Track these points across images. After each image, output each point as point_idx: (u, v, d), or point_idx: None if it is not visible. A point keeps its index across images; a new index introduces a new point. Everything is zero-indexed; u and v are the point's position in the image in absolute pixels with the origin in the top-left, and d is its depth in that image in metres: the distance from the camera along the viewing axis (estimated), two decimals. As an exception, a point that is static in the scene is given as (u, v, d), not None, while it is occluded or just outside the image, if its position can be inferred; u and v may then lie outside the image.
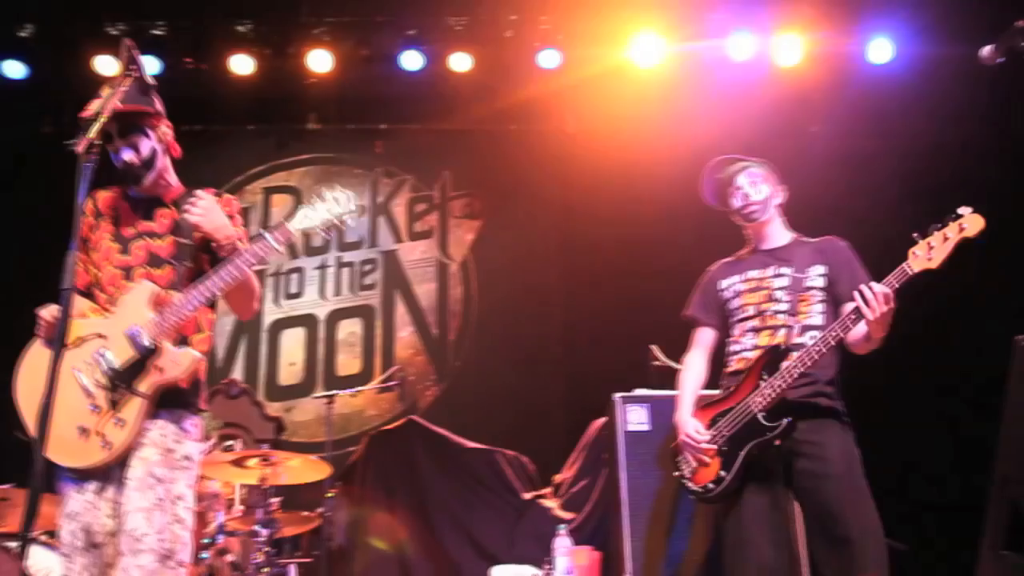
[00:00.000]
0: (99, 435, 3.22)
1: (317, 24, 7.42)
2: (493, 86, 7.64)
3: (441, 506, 6.09)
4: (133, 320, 3.30)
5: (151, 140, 3.52)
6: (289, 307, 7.86)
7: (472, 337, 7.82)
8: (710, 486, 3.69)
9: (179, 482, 3.25)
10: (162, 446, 3.26)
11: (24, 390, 3.34)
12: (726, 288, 3.98)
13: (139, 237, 3.46)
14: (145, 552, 3.12)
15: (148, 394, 3.25)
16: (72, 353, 3.25)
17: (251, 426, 6.20)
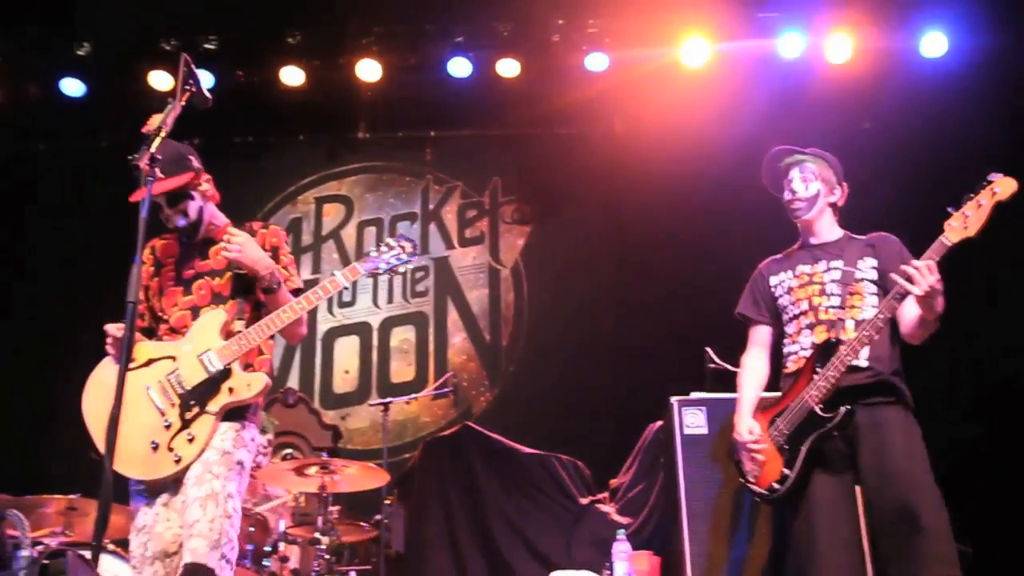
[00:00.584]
0: (170, 450, 3.38)
1: (365, 34, 7.50)
2: (541, 90, 7.66)
3: (498, 512, 6.07)
4: (205, 344, 3.49)
5: (196, 201, 3.71)
6: (343, 315, 7.92)
7: (524, 342, 7.81)
8: (775, 486, 3.64)
9: (232, 482, 3.40)
10: (220, 448, 3.42)
11: (91, 407, 3.49)
12: (776, 285, 3.95)
13: (199, 277, 3.66)
14: (196, 536, 3.25)
15: (218, 412, 3.44)
16: (144, 372, 3.43)
17: (309, 434, 6.26)
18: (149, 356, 3.49)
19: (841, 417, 3.52)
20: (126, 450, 3.25)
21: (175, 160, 3.66)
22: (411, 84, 7.65)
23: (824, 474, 3.57)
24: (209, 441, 3.40)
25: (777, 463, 3.65)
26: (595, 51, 7.42)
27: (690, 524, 4.72)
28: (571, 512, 6.14)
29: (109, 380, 3.37)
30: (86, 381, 3.54)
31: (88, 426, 3.46)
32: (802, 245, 3.99)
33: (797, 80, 7.38)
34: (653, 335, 7.37)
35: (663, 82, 7.52)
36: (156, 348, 3.54)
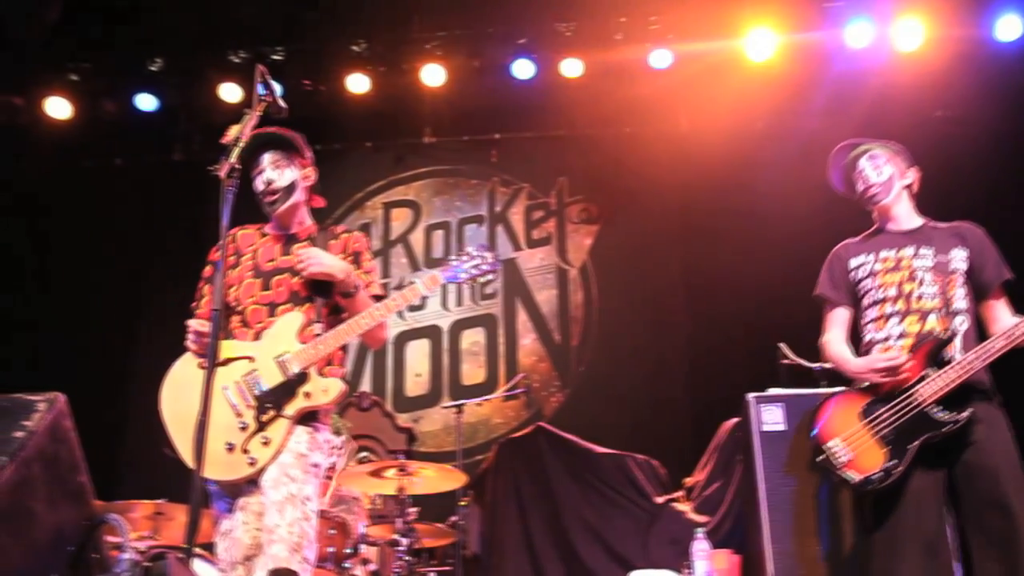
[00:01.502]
0: (245, 452, 3.38)
1: (429, 39, 7.55)
2: (605, 89, 7.63)
3: (573, 512, 6.08)
4: (283, 347, 3.48)
5: (295, 173, 3.73)
6: (413, 319, 7.98)
7: (594, 342, 7.79)
8: (874, 477, 3.55)
9: (308, 485, 3.38)
10: (296, 451, 3.40)
11: (169, 405, 3.49)
12: (857, 267, 3.88)
13: (279, 272, 3.63)
14: (276, 542, 3.24)
15: (294, 416, 3.43)
16: (222, 372, 3.40)
17: (383, 437, 6.32)
18: (227, 355, 3.47)
19: (963, 422, 3.45)
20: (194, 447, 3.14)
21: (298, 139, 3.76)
22: (475, 87, 7.67)
23: (918, 467, 3.51)
24: (284, 445, 3.39)
25: (877, 454, 3.57)
26: (658, 48, 7.38)
27: (770, 521, 4.65)
28: (647, 511, 6.12)
29: (187, 378, 3.47)
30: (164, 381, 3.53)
31: (165, 423, 3.47)
32: (879, 231, 3.93)
33: (865, 70, 7.26)
34: (724, 332, 7.31)
35: (728, 77, 7.45)
36: (234, 347, 3.52)
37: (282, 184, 3.70)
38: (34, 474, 2.40)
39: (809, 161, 6.86)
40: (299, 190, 3.75)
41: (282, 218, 3.75)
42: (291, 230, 3.75)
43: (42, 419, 2.45)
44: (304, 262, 3.54)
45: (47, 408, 2.47)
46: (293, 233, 3.74)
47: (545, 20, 7.47)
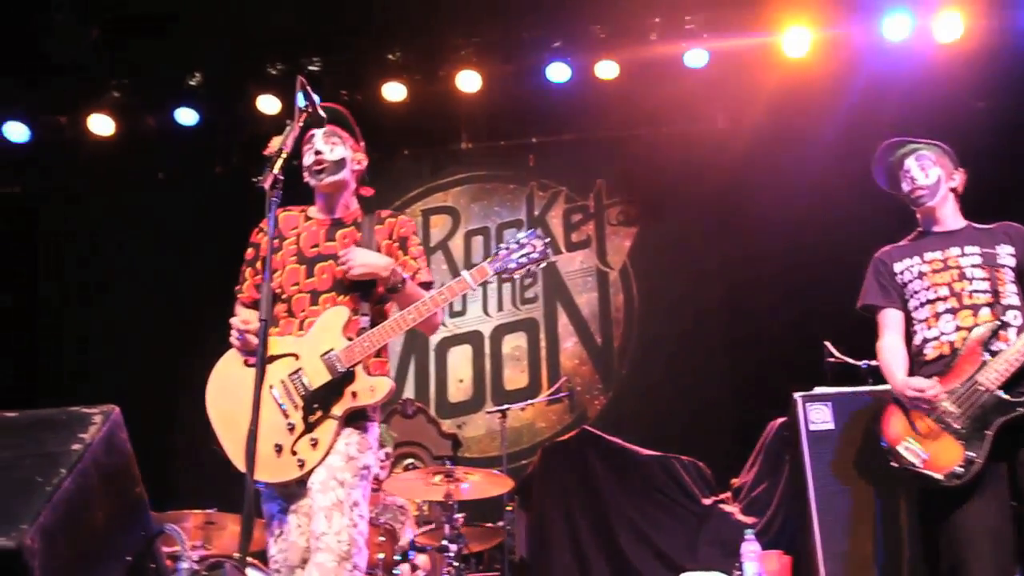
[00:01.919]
0: (294, 453, 3.30)
1: (463, 45, 7.57)
2: (641, 90, 7.61)
3: (620, 515, 6.04)
4: (328, 344, 3.37)
5: (346, 153, 3.66)
6: (454, 325, 8.00)
7: (636, 344, 7.77)
8: (959, 471, 3.51)
9: (357, 489, 3.30)
10: (345, 454, 3.32)
11: (215, 404, 3.43)
12: (903, 271, 3.88)
13: (323, 259, 3.53)
14: (323, 551, 3.16)
15: (342, 417, 3.33)
16: (268, 370, 3.27)
17: (428, 444, 6.34)
18: (272, 352, 3.34)
19: None
20: (242, 447, 3.01)
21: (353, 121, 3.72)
22: (511, 92, 7.69)
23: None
24: (332, 446, 3.30)
25: (952, 448, 3.54)
26: (693, 47, 7.35)
27: (821, 522, 4.60)
28: (694, 513, 6.07)
29: (232, 376, 3.39)
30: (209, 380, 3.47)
31: (212, 421, 3.41)
32: (923, 233, 3.91)
33: (904, 63, 7.16)
34: (766, 331, 7.26)
35: (765, 73, 7.40)
36: (279, 343, 3.41)
37: (332, 158, 3.61)
38: (92, 486, 2.44)
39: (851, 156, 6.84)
40: (348, 169, 3.66)
41: (328, 198, 3.65)
42: (336, 214, 3.65)
43: (98, 431, 2.48)
44: (346, 264, 3.44)
45: (103, 420, 2.51)
46: (338, 218, 3.64)
47: (579, 22, 7.45)
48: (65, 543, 2.30)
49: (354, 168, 3.70)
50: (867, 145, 4.07)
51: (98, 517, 2.44)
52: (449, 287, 3.43)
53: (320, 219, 3.65)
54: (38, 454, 2.42)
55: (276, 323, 3.50)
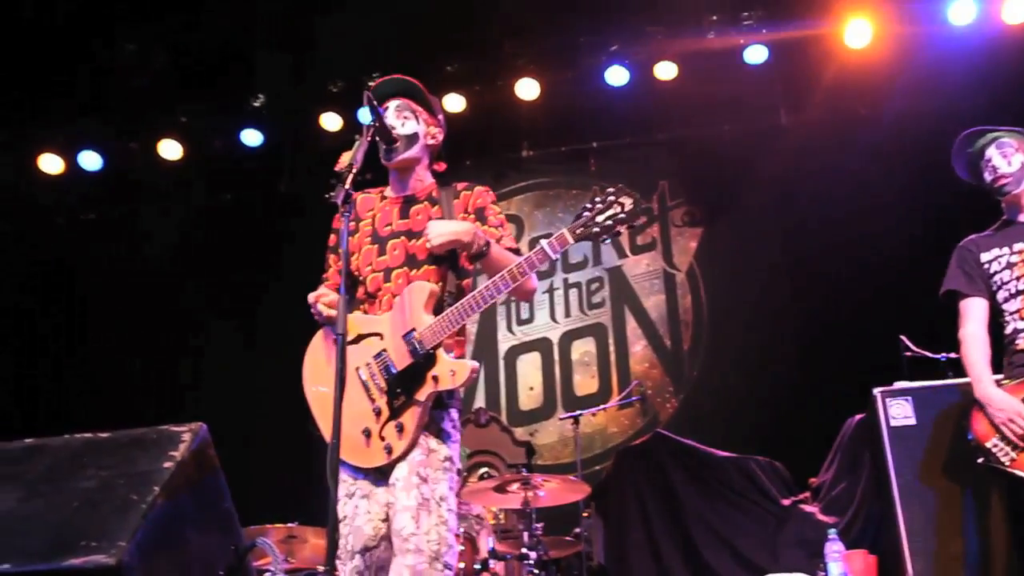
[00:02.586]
0: (381, 439, 3.22)
1: (521, 53, 7.59)
2: (701, 90, 7.55)
3: (698, 518, 5.99)
4: (411, 323, 3.26)
5: (418, 127, 3.54)
6: (522, 333, 8.01)
7: (706, 345, 7.70)
8: None
9: (442, 483, 3.21)
10: (425, 447, 3.23)
11: (310, 383, 3.38)
12: (991, 260, 3.80)
13: (395, 236, 3.45)
14: (413, 552, 3.08)
15: (425, 402, 3.22)
16: (353, 350, 3.24)
17: (502, 452, 6.35)
18: (359, 331, 3.25)
19: None
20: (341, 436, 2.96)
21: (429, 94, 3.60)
22: (570, 98, 7.69)
23: None
24: (418, 431, 3.20)
25: None
26: (753, 43, 7.28)
27: (906, 520, 4.53)
28: (773, 514, 6.00)
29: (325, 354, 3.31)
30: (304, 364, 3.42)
31: (308, 401, 3.37)
32: (1008, 222, 3.83)
33: (971, 48, 7.01)
34: (839, 327, 7.14)
35: (827, 66, 7.31)
36: (365, 322, 3.31)
37: (403, 133, 3.49)
38: (184, 502, 2.49)
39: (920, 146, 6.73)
40: (420, 145, 3.53)
41: (401, 175, 3.55)
42: (409, 191, 3.53)
43: (188, 449, 2.53)
44: (427, 238, 3.30)
45: (192, 438, 2.56)
46: (411, 194, 3.53)
47: (636, 25, 7.43)
48: (161, 559, 2.34)
49: (428, 143, 3.57)
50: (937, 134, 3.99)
51: (191, 533, 2.49)
52: (528, 258, 3.20)
53: (393, 197, 3.56)
54: (131, 473, 2.47)
55: (359, 307, 3.43)
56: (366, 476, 3.27)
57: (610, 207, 3.15)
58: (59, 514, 2.40)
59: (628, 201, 3.15)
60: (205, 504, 2.59)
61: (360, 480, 3.26)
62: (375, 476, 3.26)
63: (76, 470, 2.53)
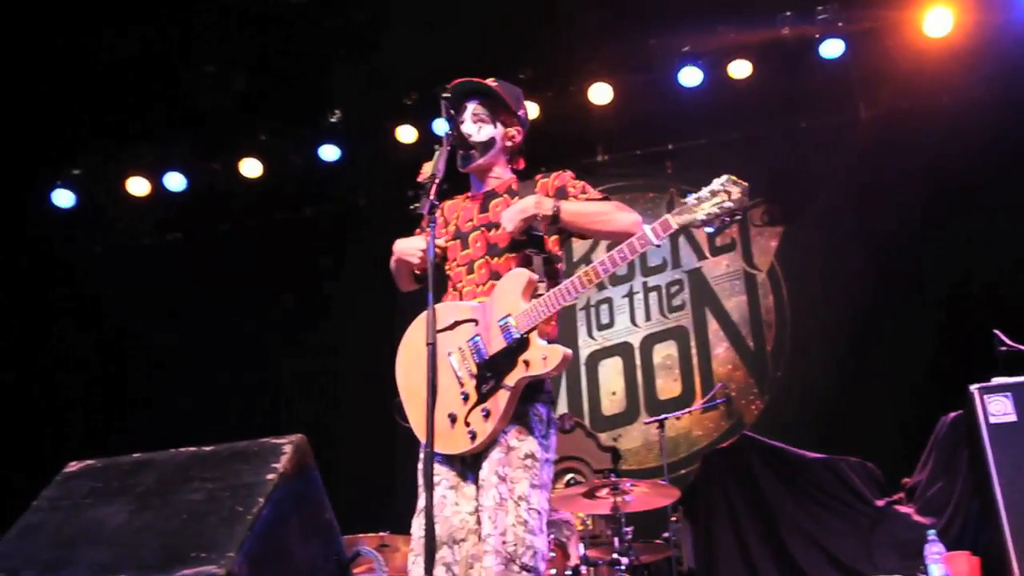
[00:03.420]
0: (466, 424, 3.17)
1: (593, 57, 7.58)
2: (777, 87, 7.46)
3: (789, 521, 5.90)
4: (506, 308, 3.23)
5: (495, 131, 3.57)
6: (603, 338, 7.98)
7: (790, 345, 7.58)
8: None
9: (522, 482, 3.12)
10: (504, 444, 3.17)
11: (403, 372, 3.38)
12: None
13: (475, 230, 3.49)
14: (489, 554, 3.03)
15: (514, 388, 3.16)
16: (446, 336, 3.24)
17: (588, 458, 6.33)
18: (454, 318, 3.24)
19: None
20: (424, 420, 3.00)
21: (514, 94, 3.61)
22: (644, 100, 7.65)
23: None
24: (505, 417, 3.13)
25: None
26: (829, 37, 7.16)
27: (1011, 520, 4.40)
28: (867, 516, 5.87)
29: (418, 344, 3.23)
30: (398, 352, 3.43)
31: (400, 391, 3.37)
32: None
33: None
34: (927, 324, 6.98)
35: (906, 58, 7.14)
36: (461, 309, 3.31)
37: (479, 139, 3.53)
38: (287, 513, 2.53)
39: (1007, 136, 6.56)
40: (497, 149, 3.57)
41: (479, 175, 3.60)
42: (487, 187, 3.59)
43: (289, 460, 2.57)
44: (503, 223, 3.33)
45: (292, 450, 2.60)
46: (490, 190, 3.57)
47: (707, 25, 7.36)
48: (267, 569, 2.38)
49: (505, 145, 3.61)
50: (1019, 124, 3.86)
51: (294, 543, 2.53)
52: (629, 244, 3.11)
53: (474, 195, 3.61)
54: (236, 485, 2.52)
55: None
56: (452, 466, 3.25)
57: (716, 195, 3.08)
58: (169, 526, 2.45)
59: (736, 190, 3.08)
60: (307, 515, 2.63)
61: (446, 469, 3.23)
62: (462, 467, 3.25)
63: (183, 483, 2.59)
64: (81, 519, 2.54)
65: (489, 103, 3.61)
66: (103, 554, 2.39)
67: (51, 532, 2.52)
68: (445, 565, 3.11)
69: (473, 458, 3.27)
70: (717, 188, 3.10)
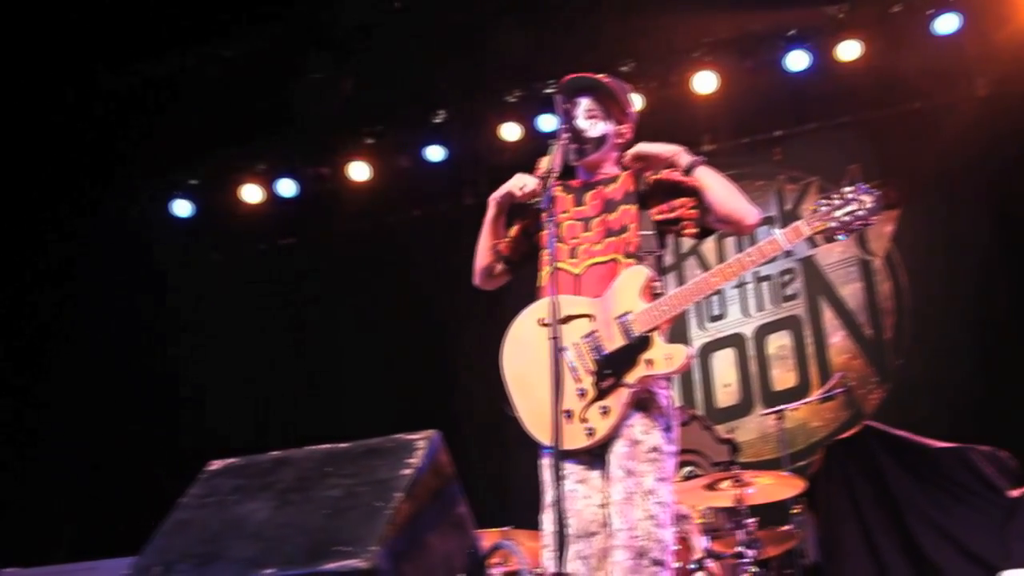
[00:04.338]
0: (583, 421, 3.19)
1: (695, 47, 7.49)
2: (888, 67, 7.25)
3: (917, 512, 5.73)
4: (625, 306, 3.26)
5: (608, 127, 3.65)
6: (715, 329, 7.87)
7: (910, 332, 7.35)
8: None
9: (648, 476, 3.13)
10: (629, 438, 3.19)
11: (510, 363, 3.42)
12: None
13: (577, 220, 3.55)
14: (619, 548, 3.05)
15: (634, 386, 3.19)
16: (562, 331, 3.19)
17: (706, 450, 6.25)
18: (567, 312, 3.24)
19: None
20: (540, 416, 3.10)
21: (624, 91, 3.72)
22: (749, 87, 7.52)
23: None
24: (623, 415, 3.16)
25: None
26: (943, 12, 6.93)
27: None
28: (1000, 507, 5.66)
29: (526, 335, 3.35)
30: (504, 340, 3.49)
31: (507, 383, 3.39)
32: None
33: None
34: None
35: (1026, 30, 6.88)
36: (575, 304, 3.31)
37: (592, 135, 3.60)
38: (424, 508, 2.57)
39: None
40: (609, 145, 3.64)
41: (587, 168, 3.66)
42: (592, 179, 3.65)
43: (423, 455, 2.61)
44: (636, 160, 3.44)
45: (426, 445, 2.64)
46: (591, 182, 3.64)
47: (813, 5, 7.21)
48: (408, 563, 2.43)
49: (616, 142, 3.68)
50: None
51: (431, 537, 2.57)
52: (758, 248, 3.19)
53: (578, 184, 3.66)
54: (373, 481, 2.57)
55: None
56: (578, 461, 3.26)
57: (849, 203, 3.10)
58: (311, 521, 2.52)
59: (868, 198, 3.09)
60: (442, 509, 2.67)
61: (571, 463, 3.24)
62: (588, 461, 3.26)
63: (321, 479, 2.65)
64: (227, 515, 2.63)
65: (602, 99, 3.67)
66: (251, 549, 2.47)
67: (200, 528, 2.61)
68: (582, 558, 3.14)
69: (599, 448, 3.28)
70: (850, 196, 3.11)
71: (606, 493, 3.22)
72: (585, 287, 3.43)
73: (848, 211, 3.09)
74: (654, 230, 3.51)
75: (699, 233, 3.55)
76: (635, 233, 3.46)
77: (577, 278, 3.45)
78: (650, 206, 3.53)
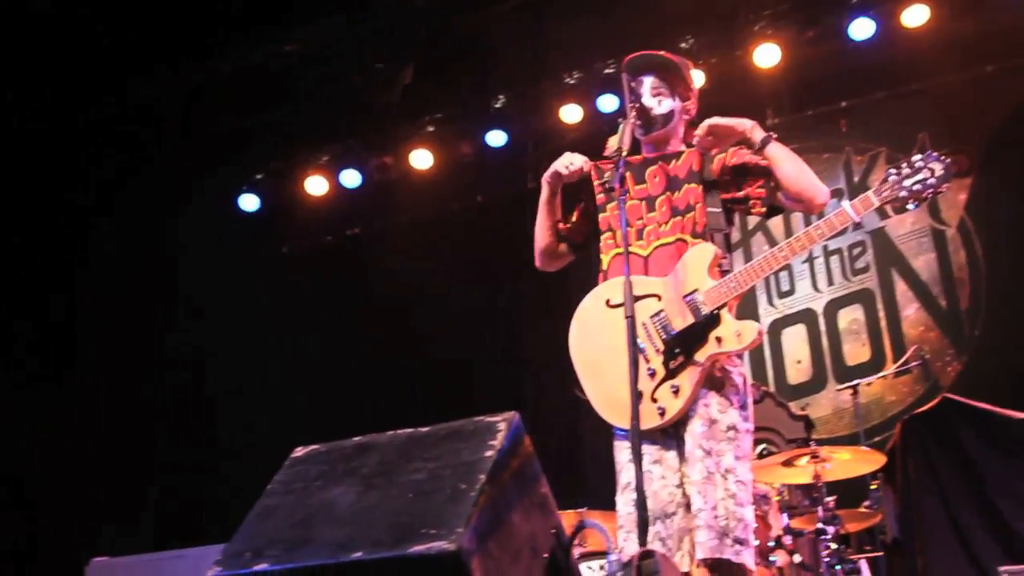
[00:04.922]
0: (654, 400, 3.19)
1: (756, 19, 7.37)
2: (957, 30, 7.06)
3: (1001, 486, 5.60)
4: (693, 284, 3.26)
5: (674, 104, 3.65)
6: (784, 305, 7.78)
7: (987, 302, 7.18)
8: None
9: (727, 454, 3.14)
10: (705, 417, 3.19)
11: (577, 345, 3.43)
12: None
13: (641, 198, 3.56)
14: (702, 528, 3.05)
15: (705, 364, 3.18)
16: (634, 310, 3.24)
17: (780, 428, 6.20)
18: (636, 293, 3.19)
19: None
20: (610, 398, 3.14)
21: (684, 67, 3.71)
22: (813, 59, 7.39)
23: None
24: (695, 394, 3.16)
25: None
26: (1017, -30, 6.74)
27: None
28: (1096, 481, 5.53)
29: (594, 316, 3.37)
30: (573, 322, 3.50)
31: (575, 366, 3.40)
32: None
33: None
34: None
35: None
36: (642, 284, 3.30)
37: (660, 112, 3.60)
38: (506, 489, 2.59)
39: None
40: (675, 122, 3.65)
41: (654, 145, 3.66)
42: (656, 153, 3.66)
43: (505, 436, 2.63)
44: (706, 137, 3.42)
45: (507, 427, 2.65)
46: (653, 158, 3.64)
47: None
48: (493, 544, 2.45)
49: (683, 118, 3.70)
50: None
51: (516, 518, 2.59)
52: (827, 220, 3.18)
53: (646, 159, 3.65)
54: (456, 464, 2.59)
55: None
56: (652, 441, 3.25)
57: (919, 172, 3.08)
58: (396, 505, 2.55)
59: (938, 166, 3.06)
60: (525, 489, 2.68)
61: (646, 444, 3.21)
62: (663, 441, 3.26)
63: (405, 463, 2.68)
64: (313, 500, 2.67)
65: (666, 77, 3.67)
66: (339, 533, 2.50)
67: (287, 513, 2.66)
68: (660, 540, 3.14)
69: (673, 428, 3.28)
70: (919, 165, 3.08)
71: (682, 473, 3.22)
72: (652, 268, 3.43)
73: (918, 180, 3.09)
74: (721, 208, 3.49)
75: (767, 212, 3.56)
76: (702, 212, 3.47)
77: (645, 260, 3.46)
78: (719, 190, 3.53)
